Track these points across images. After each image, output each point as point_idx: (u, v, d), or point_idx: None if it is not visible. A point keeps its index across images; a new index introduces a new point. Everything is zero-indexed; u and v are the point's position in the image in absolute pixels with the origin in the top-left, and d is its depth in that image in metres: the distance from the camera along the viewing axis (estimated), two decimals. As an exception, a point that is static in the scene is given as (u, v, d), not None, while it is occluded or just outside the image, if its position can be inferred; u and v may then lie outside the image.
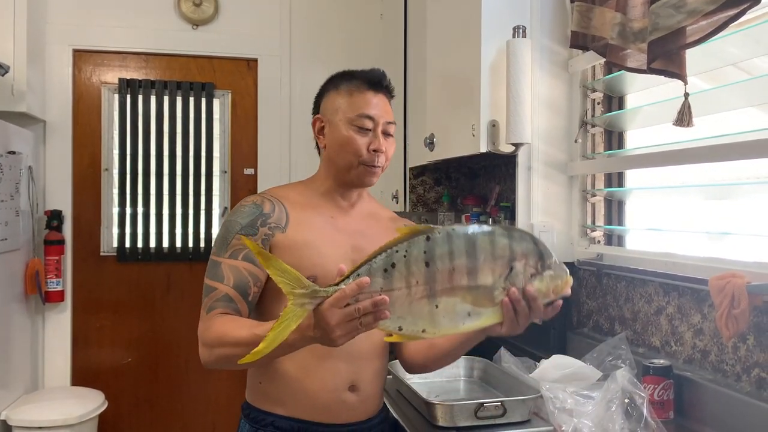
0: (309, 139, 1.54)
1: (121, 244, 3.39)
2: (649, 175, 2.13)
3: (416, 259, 1.08)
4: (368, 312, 1.04)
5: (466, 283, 1.08)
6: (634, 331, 1.92)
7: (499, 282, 1.10)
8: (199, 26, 3.45)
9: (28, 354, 3.12)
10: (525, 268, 1.11)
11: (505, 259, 1.10)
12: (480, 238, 1.10)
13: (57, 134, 3.32)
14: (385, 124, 1.46)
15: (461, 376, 2.04)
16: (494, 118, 2.14)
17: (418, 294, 1.08)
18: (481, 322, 1.12)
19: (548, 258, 1.13)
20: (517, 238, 1.12)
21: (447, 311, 1.09)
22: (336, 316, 1.05)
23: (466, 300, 1.09)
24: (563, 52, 2.21)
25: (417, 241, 1.09)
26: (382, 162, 1.47)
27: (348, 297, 1.04)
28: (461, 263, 1.08)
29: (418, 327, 1.10)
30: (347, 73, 1.51)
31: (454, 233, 1.10)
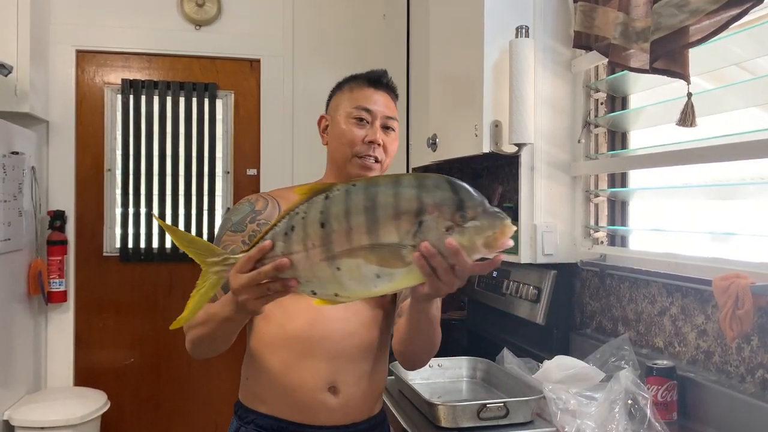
0: (312, 139, 1.54)
1: (124, 244, 3.39)
2: (652, 176, 2.12)
3: (312, 221, 1.00)
4: (271, 276, 1.02)
5: (367, 242, 0.97)
6: (637, 332, 1.91)
7: (406, 239, 0.96)
8: (202, 27, 3.45)
9: (31, 354, 3.12)
10: (438, 222, 0.95)
11: (411, 212, 0.95)
12: (381, 192, 0.97)
13: (60, 135, 3.32)
14: (383, 117, 1.46)
15: (464, 376, 2.04)
16: (497, 119, 2.14)
17: (316, 257, 1.00)
18: (395, 283, 1.01)
19: (472, 207, 0.95)
20: (428, 187, 0.96)
21: (351, 274, 0.99)
22: (239, 280, 1.04)
23: (370, 261, 0.97)
24: (566, 52, 2.21)
25: (315, 202, 1.02)
26: (380, 155, 1.45)
27: (252, 261, 1.03)
28: (359, 221, 0.97)
29: (328, 291, 1.03)
30: (353, 75, 1.53)
31: (353, 189, 1.00)
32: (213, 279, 1.08)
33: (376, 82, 1.49)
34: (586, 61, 2.16)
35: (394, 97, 1.52)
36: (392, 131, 1.48)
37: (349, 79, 1.53)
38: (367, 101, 1.46)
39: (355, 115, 1.45)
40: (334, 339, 1.41)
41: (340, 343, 1.42)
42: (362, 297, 1.06)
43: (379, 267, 0.98)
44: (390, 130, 1.48)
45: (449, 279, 0.98)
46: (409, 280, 1.00)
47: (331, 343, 1.41)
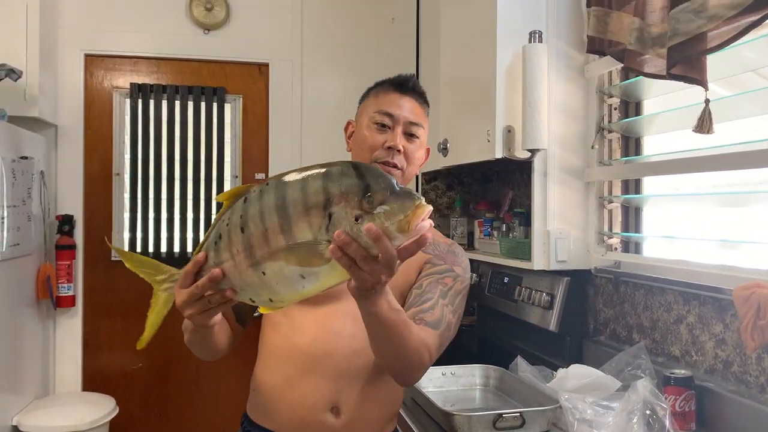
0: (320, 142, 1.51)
1: (132, 249, 3.38)
2: (665, 182, 2.11)
3: (234, 226, 0.98)
4: (209, 288, 1.01)
5: (284, 243, 0.92)
6: (652, 340, 1.90)
7: (320, 235, 0.90)
8: (211, 31, 3.45)
9: (39, 359, 3.12)
10: (346, 211, 0.89)
11: (320, 205, 0.90)
12: (290, 187, 0.93)
13: (68, 139, 3.31)
14: (407, 123, 1.40)
15: (477, 384, 2.02)
16: (510, 124, 2.13)
17: (242, 264, 0.98)
18: (321, 282, 0.95)
19: (379, 190, 0.89)
20: (334, 176, 0.91)
21: (277, 277, 0.95)
22: (181, 296, 1.05)
23: (290, 261, 0.92)
24: (579, 57, 2.19)
25: (236, 206, 0.99)
26: (401, 163, 1.38)
27: (190, 276, 1.03)
28: (273, 222, 0.93)
29: (262, 297, 1.00)
30: (381, 81, 1.49)
31: (266, 189, 0.95)
32: (163, 296, 1.11)
33: (401, 87, 1.44)
34: (600, 66, 2.14)
35: (422, 103, 1.46)
36: (416, 138, 1.41)
37: (377, 84, 1.48)
38: (390, 106, 1.40)
39: (377, 120, 1.40)
40: (337, 357, 1.35)
41: (344, 362, 1.35)
42: (296, 299, 1.00)
43: (300, 267, 0.93)
44: (414, 137, 1.41)
45: (371, 267, 0.91)
46: (335, 276, 0.95)
47: (334, 361, 1.35)
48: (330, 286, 0.98)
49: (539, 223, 2.15)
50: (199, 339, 1.26)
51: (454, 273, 1.40)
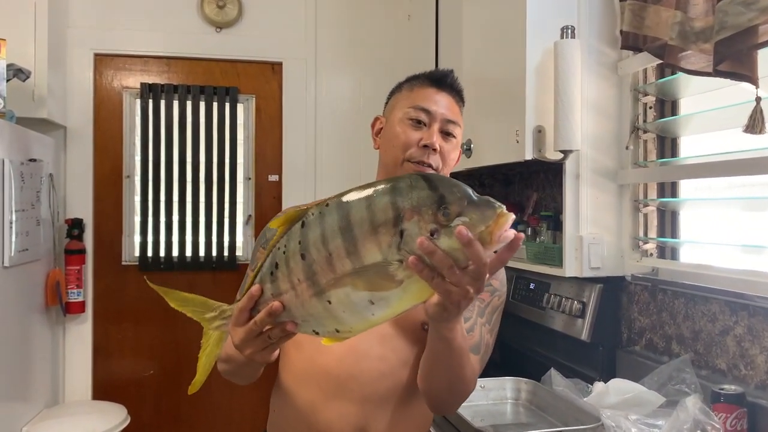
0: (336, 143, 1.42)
1: (143, 253, 3.31)
2: (704, 184, 2.01)
3: (293, 253, 0.90)
4: (268, 323, 0.94)
5: (351, 267, 0.85)
6: (695, 352, 1.79)
7: (390, 254, 0.83)
8: (223, 29, 3.36)
9: (49, 367, 3.04)
10: (420, 226, 0.82)
11: (389, 223, 0.83)
12: (354, 206, 0.85)
13: (78, 140, 3.24)
14: (444, 121, 1.29)
15: (507, 398, 1.93)
16: (540, 124, 2.03)
17: (304, 293, 0.90)
18: (393, 308, 0.88)
19: (455, 201, 0.82)
20: (402, 190, 0.83)
21: (344, 305, 0.87)
22: (238, 334, 0.97)
23: (358, 287, 0.85)
24: (612, 54, 2.09)
25: (293, 232, 0.91)
26: (436, 163, 1.27)
27: (245, 311, 0.95)
28: (337, 245, 0.85)
29: (327, 327, 0.92)
30: (415, 75, 1.39)
31: (326, 210, 0.88)
32: (215, 335, 1.02)
33: (439, 82, 1.33)
34: (634, 63, 2.04)
35: (459, 101, 1.35)
36: (453, 138, 1.31)
37: (410, 78, 1.38)
38: (426, 101, 1.30)
39: (411, 116, 1.29)
40: (364, 380, 1.26)
41: (372, 385, 1.26)
42: (364, 329, 0.92)
43: (369, 292, 0.85)
44: (451, 136, 1.30)
45: (459, 278, 0.82)
46: (408, 299, 0.87)
47: (360, 385, 1.26)
48: (401, 312, 0.90)
49: (571, 228, 2.05)
50: (247, 372, 1.20)
51: (492, 287, 1.31)
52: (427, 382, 1.16)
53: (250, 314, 0.96)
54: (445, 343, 1.02)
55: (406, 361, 1.29)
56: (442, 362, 1.08)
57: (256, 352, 0.98)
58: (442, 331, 0.99)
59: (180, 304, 1.03)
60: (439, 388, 1.15)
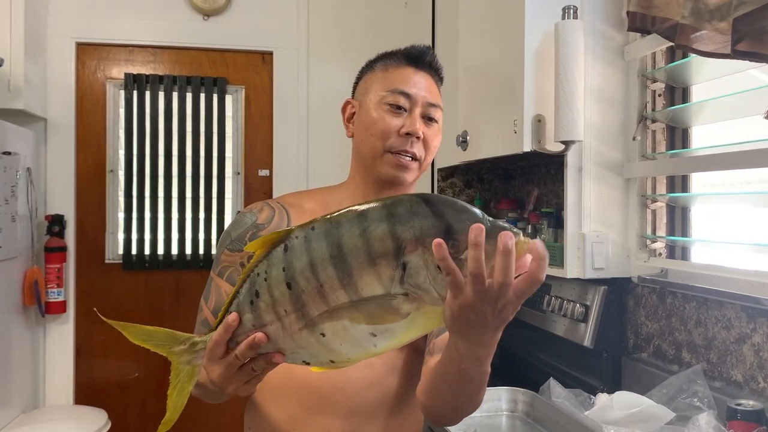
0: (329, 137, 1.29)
1: (127, 250, 3.16)
2: (716, 178, 1.86)
3: (277, 281, 0.81)
4: (250, 355, 0.84)
5: (346, 299, 0.77)
6: (708, 362, 1.64)
7: (393, 288, 0.75)
8: (211, 17, 3.21)
9: (28, 370, 2.90)
10: (426, 259, 0.74)
11: (389, 254, 0.75)
12: (346, 233, 0.77)
13: (59, 133, 3.10)
14: (425, 105, 1.17)
15: (503, 410, 1.78)
16: (539, 113, 1.88)
17: (293, 325, 0.81)
18: (399, 339, 0.79)
19: (467, 230, 0.72)
20: (401, 217, 0.75)
21: (340, 338, 0.80)
22: (216, 370, 0.87)
23: (357, 320, 0.78)
24: (618, 37, 1.94)
25: (275, 256, 0.82)
26: (419, 152, 1.16)
27: (221, 344, 0.85)
28: (329, 275, 0.77)
29: (321, 359, 0.83)
30: (387, 52, 1.26)
31: (312, 234, 0.79)
32: (186, 371, 0.90)
33: (417, 60, 1.21)
34: (642, 47, 1.89)
35: (438, 81, 1.23)
36: (435, 123, 1.19)
37: (383, 56, 1.24)
38: (405, 83, 1.17)
39: (389, 101, 1.16)
40: (350, 391, 1.14)
41: (359, 396, 1.14)
42: (364, 358, 0.83)
43: (369, 325, 0.78)
44: (432, 121, 1.19)
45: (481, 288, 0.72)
46: (416, 329, 0.79)
47: (346, 397, 1.14)
48: (407, 342, 0.82)
49: (573, 225, 1.90)
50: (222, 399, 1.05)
51: None
52: (428, 397, 1.02)
53: (227, 347, 0.85)
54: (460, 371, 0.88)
55: (393, 368, 1.18)
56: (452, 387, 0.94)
57: (239, 386, 0.89)
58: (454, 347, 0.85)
59: (141, 339, 0.90)
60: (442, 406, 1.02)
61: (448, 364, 0.91)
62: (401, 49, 1.24)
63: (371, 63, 1.27)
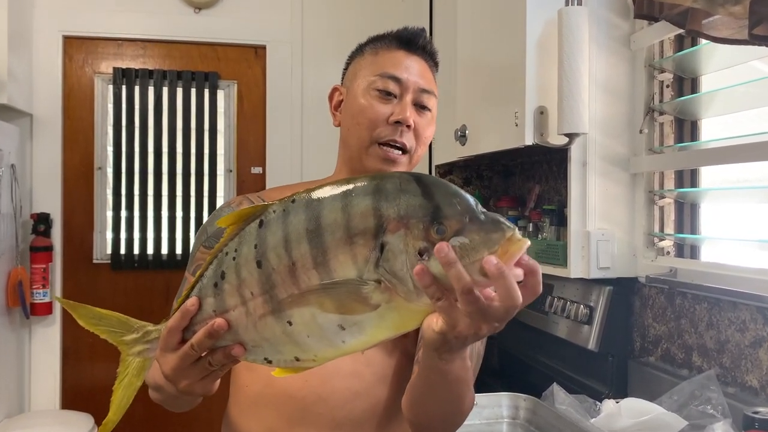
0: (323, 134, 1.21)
1: (116, 250, 3.08)
2: (728, 173, 1.77)
3: (247, 260, 0.73)
4: (207, 346, 0.75)
5: (318, 280, 0.69)
6: (720, 366, 1.55)
7: (367, 272, 0.67)
8: (202, 9, 3.13)
9: (12, 373, 2.81)
10: (407, 242, 0.66)
11: (367, 232, 0.67)
12: (327, 205, 0.69)
13: (45, 129, 3.01)
14: (417, 91, 1.09)
15: (504, 416, 1.69)
16: (542, 104, 1.79)
17: (258, 310, 0.73)
18: (367, 336, 0.71)
19: (456, 215, 0.66)
20: (389, 193, 0.68)
21: (308, 328, 0.71)
22: (170, 362, 0.78)
23: (326, 307, 0.69)
24: (624, 25, 1.86)
25: (248, 233, 0.74)
26: (410, 142, 1.08)
27: (177, 332, 0.76)
28: (302, 252, 0.69)
29: (285, 355, 0.74)
30: (378, 35, 1.17)
31: (292, 207, 0.71)
32: (136, 363, 0.82)
33: (409, 43, 1.12)
34: (649, 36, 1.80)
35: (432, 66, 1.15)
36: (428, 111, 1.11)
37: (374, 38, 1.16)
38: (395, 68, 1.09)
39: (378, 86, 1.08)
40: (334, 402, 1.05)
41: (344, 407, 1.05)
42: (331, 358, 0.75)
43: (339, 314, 0.70)
44: (425, 109, 1.10)
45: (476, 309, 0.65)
46: (386, 328, 0.71)
47: (329, 408, 1.05)
48: (377, 342, 0.73)
49: (577, 223, 1.81)
50: (185, 402, 0.97)
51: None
52: (414, 413, 0.96)
53: (182, 336, 0.77)
54: (441, 375, 0.83)
55: (383, 377, 1.09)
56: (436, 394, 0.88)
57: (193, 383, 0.79)
58: (437, 362, 0.78)
59: (92, 323, 0.84)
60: (432, 418, 0.95)
61: (429, 372, 0.84)
62: (392, 32, 1.16)
63: (361, 46, 1.19)
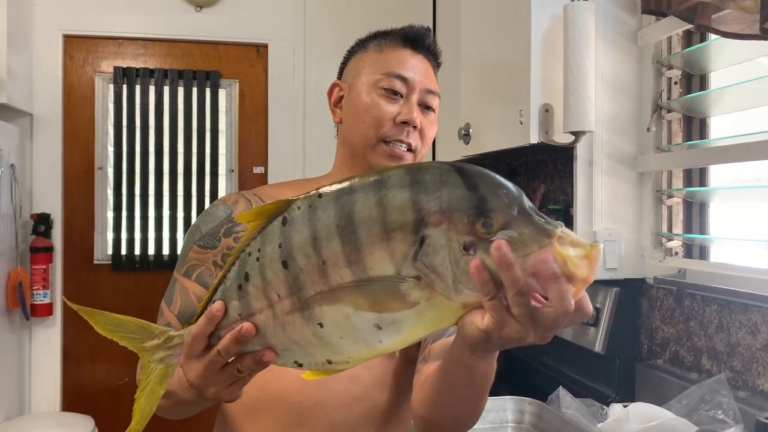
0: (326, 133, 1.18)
1: (117, 251, 3.06)
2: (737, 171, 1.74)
3: (272, 260, 0.69)
4: (235, 352, 0.72)
5: (351, 278, 0.65)
6: (731, 370, 1.52)
7: (405, 268, 0.64)
8: (203, 8, 3.11)
9: (12, 375, 2.79)
10: (450, 236, 0.62)
11: (407, 227, 0.63)
12: (360, 200, 0.65)
13: (45, 129, 2.99)
14: (423, 91, 1.07)
15: (509, 421, 1.65)
16: (547, 102, 1.76)
17: (286, 313, 0.69)
18: (406, 335, 0.67)
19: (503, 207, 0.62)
20: (428, 184, 0.63)
21: (341, 330, 0.67)
22: (195, 369, 0.75)
23: (360, 306, 0.66)
24: (631, 21, 1.82)
25: (271, 231, 0.70)
26: (415, 142, 1.07)
27: (202, 339, 0.73)
28: (334, 250, 0.66)
29: (317, 358, 0.71)
30: (381, 31, 1.15)
31: (319, 203, 0.67)
32: (158, 371, 0.77)
33: (415, 42, 1.10)
34: (657, 31, 1.76)
35: (435, 66, 1.13)
36: (432, 111, 1.10)
37: (377, 34, 1.14)
38: (402, 67, 1.07)
39: (384, 85, 1.06)
40: (332, 406, 1.03)
41: (342, 412, 1.03)
42: (366, 359, 0.70)
43: (374, 313, 0.65)
44: (429, 109, 1.09)
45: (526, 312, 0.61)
46: (424, 326, 0.66)
47: (326, 413, 1.02)
48: (414, 341, 0.69)
49: (583, 223, 1.78)
50: (193, 409, 0.94)
51: None
52: (428, 409, 0.91)
53: (208, 343, 0.74)
54: (467, 372, 0.78)
55: (381, 381, 1.07)
56: (457, 392, 0.84)
57: (221, 389, 0.76)
58: (467, 358, 0.74)
59: (110, 330, 0.80)
60: (446, 419, 0.91)
61: (456, 368, 0.80)
62: (398, 29, 1.14)
63: (363, 42, 1.17)
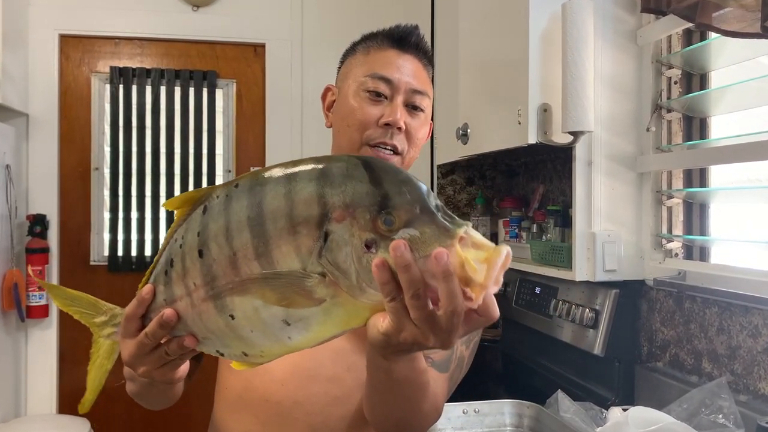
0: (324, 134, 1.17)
1: (113, 252, 3.03)
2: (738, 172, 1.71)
3: (190, 248, 0.71)
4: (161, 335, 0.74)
5: (259, 271, 0.65)
6: (732, 373, 1.50)
7: (310, 263, 0.63)
8: (200, 7, 3.08)
9: (8, 377, 2.77)
10: (353, 232, 0.61)
11: (311, 222, 0.63)
12: (269, 191, 0.65)
13: (41, 129, 2.97)
14: (409, 91, 1.06)
15: (506, 425, 1.64)
16: (546, 102, 1.74)
17: (201, 302, 0.70)
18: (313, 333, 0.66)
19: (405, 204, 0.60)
20: (335, 177, 0.63)
21: (251, 323, 0.67)
22: (128, 348, 0.78)
23: (269, 300, 0.65)
24: (630, 20, 1.80)
25: (193, 219, 0.71)
26: (401, 145, 1.04)
27: (133, 319, 0.77)
28: (243, 242, 0.66)
29: (234, 350, 0.72)
30: (372, 32, 1.14)
31: (234, 193, 0.68)
32: (106, 345, 0.84)
33: (401, 42, 1.09)
34: (656, 30, 1.75)
35: (426, 65, 1.11)
36: (421, 112, 1.08)
37: (366, 37, 1.13)
38: (386, 68, 1.05)
39: (369, 87, 1.04)
40: (311, 407, 1.01)
41: (321, 413, 1.02)
42: (279, 354, 0.70)
43: (283, 309, 0.65)
44: (418, 110, 1.07)
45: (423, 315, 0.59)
46: (333, 325, 0.65)
47: (306, 413, 1.01)
48: (325, 339, 0.68)
49: (582, 224, 1.76)
50: (156, 395, 0.95)
51: None
52: (368, 414, 0.92)
53: (141, 323, 0.77)
54: (385, 374, 0.77)
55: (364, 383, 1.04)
56: (383, 396, 0.84)
57: (151, 370, 0.79)
58: (379, 360, 0.73)
59: (66, 303, 0.86)
60: (387, 423, 0.91)
61: (374, 372, 0.79)
62: (384, 30, 1.12)
63: (354, 45, 1.16)
